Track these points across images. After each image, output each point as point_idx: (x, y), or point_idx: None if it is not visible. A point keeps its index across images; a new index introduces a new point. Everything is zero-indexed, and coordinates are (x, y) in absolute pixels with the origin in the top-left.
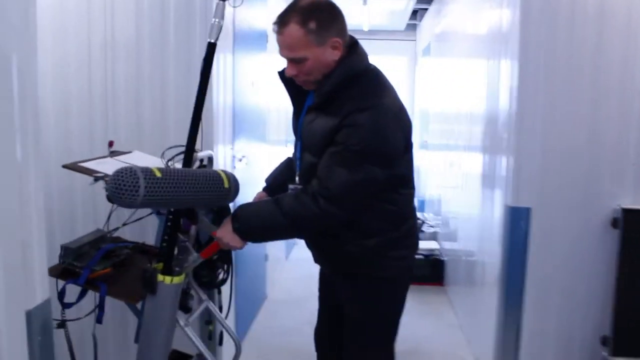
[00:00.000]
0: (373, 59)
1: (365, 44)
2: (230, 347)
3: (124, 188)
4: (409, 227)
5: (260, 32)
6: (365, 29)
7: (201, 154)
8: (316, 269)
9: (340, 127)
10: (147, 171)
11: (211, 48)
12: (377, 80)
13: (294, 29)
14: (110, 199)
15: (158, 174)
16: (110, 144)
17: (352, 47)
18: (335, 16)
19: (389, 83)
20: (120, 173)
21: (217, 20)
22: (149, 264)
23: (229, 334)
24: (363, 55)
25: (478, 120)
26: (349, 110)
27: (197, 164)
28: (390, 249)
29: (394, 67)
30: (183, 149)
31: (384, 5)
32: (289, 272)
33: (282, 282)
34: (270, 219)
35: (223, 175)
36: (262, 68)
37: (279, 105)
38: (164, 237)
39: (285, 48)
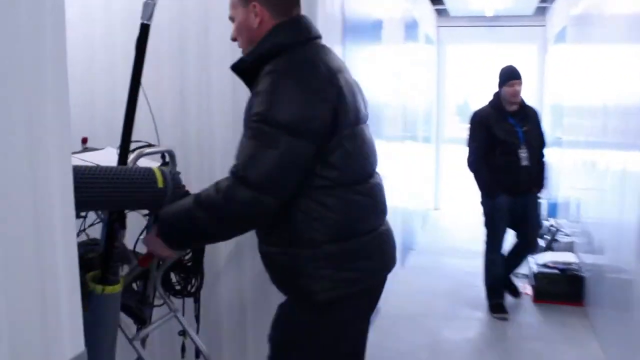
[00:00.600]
0: (496, 48)
1: (488, 32)
2: None
3: None
4: (358, 248)
5: (374, 22)
6: (489, 14)
7: (157, 149)
8: (438, 280)
9: (252, 100)
10: None
11: (144, 30)
12: (303, 52)
13: None
14: None
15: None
16: (84, 140)
17: (289, 21)
18: None
19: (324, 57)
20: None
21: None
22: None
23: (199, 348)
24: (296, 30)
25: (635, 114)
26: (258, 81)
27: (159, 161)
28: (325, 266)
29: (521, 56)
30: (146, 144)
31: None
32: (405, 282)
33: (397, 295)
34: (188, 215)
35: (158, 173)
36: (376, 59)
37: (395, 99)
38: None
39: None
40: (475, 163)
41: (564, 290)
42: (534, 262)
